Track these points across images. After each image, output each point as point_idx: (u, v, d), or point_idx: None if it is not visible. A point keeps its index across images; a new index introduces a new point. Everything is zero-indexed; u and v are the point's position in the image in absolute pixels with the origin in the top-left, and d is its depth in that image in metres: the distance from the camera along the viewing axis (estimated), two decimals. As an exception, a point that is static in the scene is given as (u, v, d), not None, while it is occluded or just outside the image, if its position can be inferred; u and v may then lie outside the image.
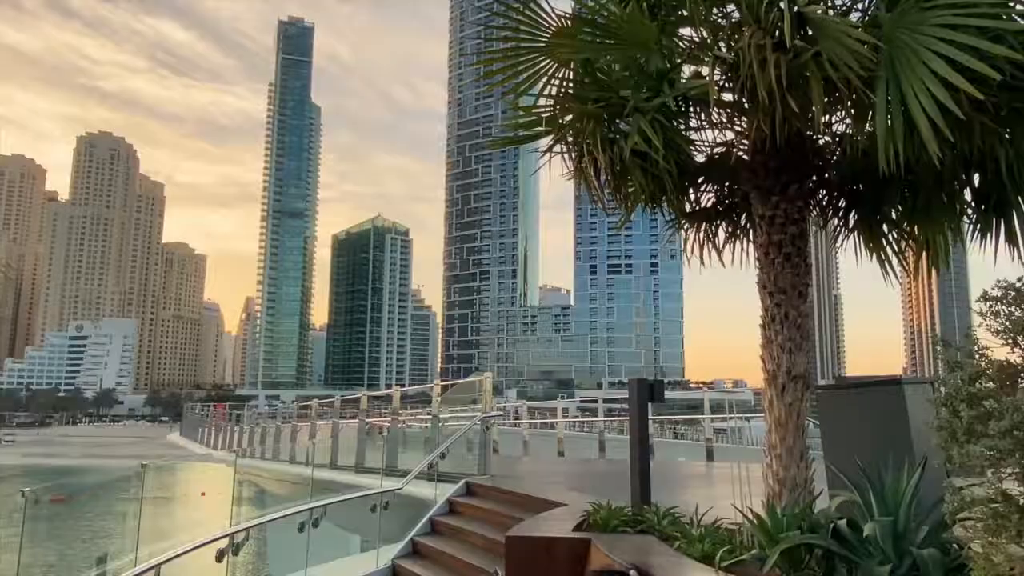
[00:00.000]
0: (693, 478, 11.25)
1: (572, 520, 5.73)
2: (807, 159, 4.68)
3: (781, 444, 4.42)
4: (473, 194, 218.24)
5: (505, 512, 7.83)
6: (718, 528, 4.64)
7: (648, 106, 4.27)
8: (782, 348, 4.50)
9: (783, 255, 4.59)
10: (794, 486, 4.38)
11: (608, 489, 9.62)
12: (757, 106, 3.99)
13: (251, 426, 25.67)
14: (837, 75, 3.48)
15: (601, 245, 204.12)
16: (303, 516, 7.08)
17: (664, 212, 5.93)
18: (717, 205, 5.79)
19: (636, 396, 5.98)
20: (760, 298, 4.71)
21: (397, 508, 8.94)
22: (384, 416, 17.08)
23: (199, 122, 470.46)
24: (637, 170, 4.65)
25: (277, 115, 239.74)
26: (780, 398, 4.46)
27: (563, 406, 20.76)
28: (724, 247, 5.92)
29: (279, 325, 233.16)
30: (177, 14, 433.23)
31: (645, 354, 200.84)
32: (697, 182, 5.67)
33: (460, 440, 10.50)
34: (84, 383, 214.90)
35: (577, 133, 4.63)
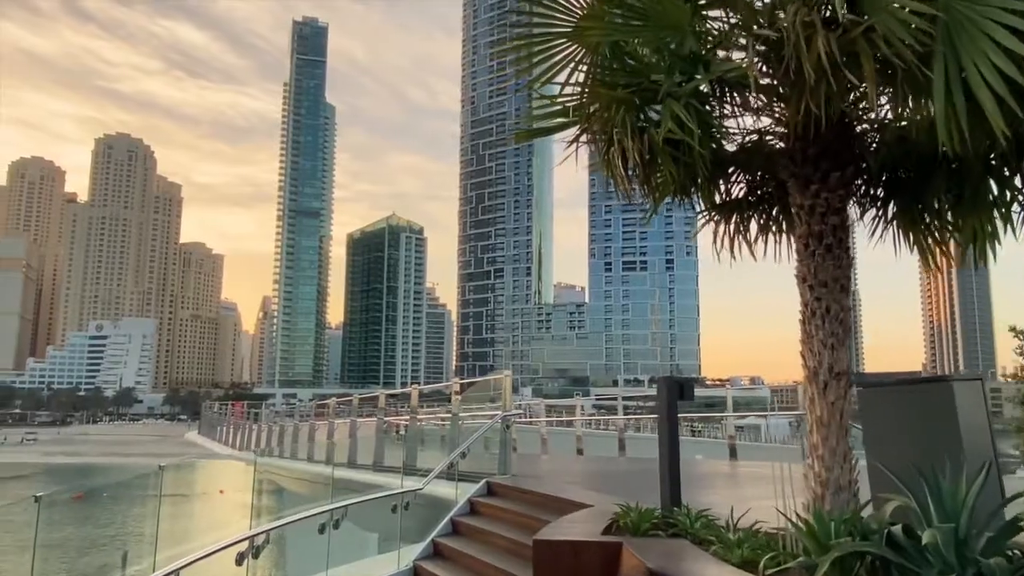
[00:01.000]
0: (717, 477, 11.01)
1: (600, 523, 5.55)
2: (848, 145, 4.45)
3: (823, 444, 4.21)
4: (487, 192, 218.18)
5: (528, 513, 7.66)
6: (756, 532, 4.44)
7: (682, 91, 4.06)
8: (824, 344, 4.29)
9: (824, 246, 4.37)
10: (838, 488, 4.17)
11: (632, 489, 9.43)
12: (799, 88, 3.78)
13: (269, 425, 25.70)
14: (891, 51, 3.26)
15: (616, 242, 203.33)
16: (323, 517, 6.95)
17: (693, 204, 5.73)
18: (748, 196, 5.57)
19: (665, 395, 5.78)
20: (799, 292, 4.49)
21: (417, 508, 8.80)
22: (401, 415, 16.99)
23: (214, 123, 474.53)
24: (668, 159, 4.45)
25: (292, 115, 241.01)
26: (822, 396, 4.25)
27: (581, 404, 20.54)
28: (756, 240, 5.70)
29: (296, 324, 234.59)
30: (191, 16, 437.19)
31: (661, 351, 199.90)
32: (727, 172, 5.45)
33: (480, 439, 10.35)
34: (104, 382, 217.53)
35: (605, 122, 4.43)
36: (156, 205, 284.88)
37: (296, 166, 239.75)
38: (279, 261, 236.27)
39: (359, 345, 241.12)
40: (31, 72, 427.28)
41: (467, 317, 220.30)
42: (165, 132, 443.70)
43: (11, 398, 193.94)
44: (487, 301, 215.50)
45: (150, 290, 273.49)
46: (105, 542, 34.03)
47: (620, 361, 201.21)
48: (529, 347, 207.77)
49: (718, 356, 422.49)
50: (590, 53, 4.43)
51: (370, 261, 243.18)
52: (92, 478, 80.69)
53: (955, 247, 5.21)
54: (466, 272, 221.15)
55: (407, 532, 8.64)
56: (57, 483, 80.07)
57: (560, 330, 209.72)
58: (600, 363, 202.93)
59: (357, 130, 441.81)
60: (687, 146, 4.52)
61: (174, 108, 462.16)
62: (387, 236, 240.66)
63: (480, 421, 10.96)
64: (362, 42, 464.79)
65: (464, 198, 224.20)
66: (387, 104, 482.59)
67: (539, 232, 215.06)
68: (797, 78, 3.65)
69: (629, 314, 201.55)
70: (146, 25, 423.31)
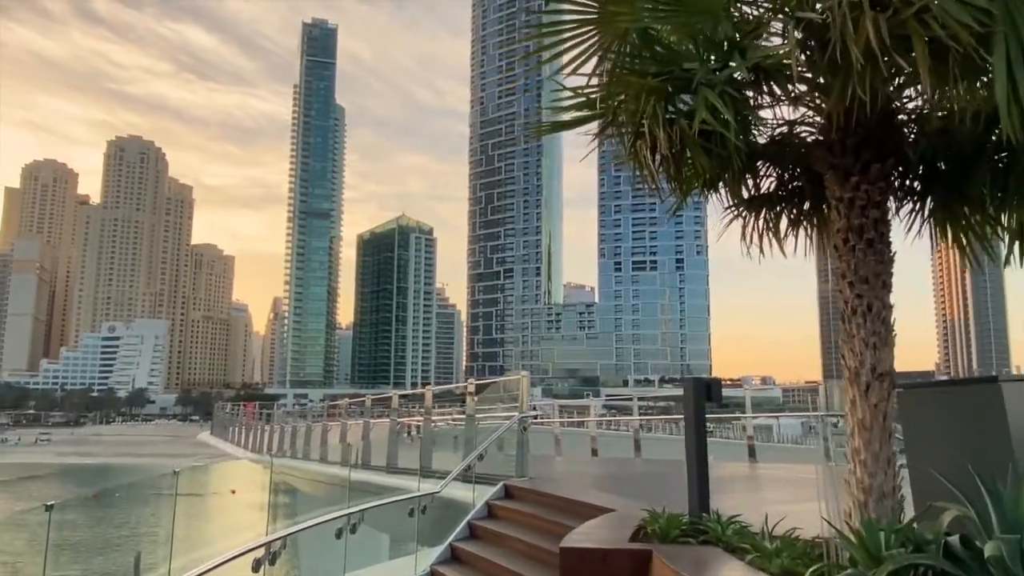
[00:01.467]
0: (737, 480, 10.79)
1: (626, 528, 5.37)
2: (890, 135, 4.25)
3: (866, 449, 4.02)
4: (496, 192, 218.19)
5: (547, 517, 7.49)
6: (794, 540, 4.25)
7: (716, 79, 3.88)
8: (865, 343, 4.09)
9: (865, 241, 4.17)
10: (881, 495, 3.97)
11: (652, 492, 9.24)
12: (843, 75, 3.59)
13: (281, 425, 25.65)
14: (945, 33, 3.07)
15: (625, 242, 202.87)
16: (341, 521, 6.81)
17: (721, 198, 5.53)
18: (779, 190, 5.37)
19: (692, 396, 5.60)
20: (839, 288, 4.30)
21: (433, 511, 8.66)
22: (414, 415, 16.85)
23: (224, 125, 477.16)
24: (699, 151, 4.27)
25: (302, 116, 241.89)
26: (864, 398, 4.05)
27: (595, 404, 20.34)
28: (786, 235, 5.51)
29: (306, 325, 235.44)
30: (200, 18, 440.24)
31: (671, 351, 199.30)
32: (756, 165, 5.25)
33: (496, 441, 10.18)
34: (117, 383, 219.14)
35: (633, 112, 4.25)
36: (168, 207, 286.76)
37: (306, 167, 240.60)
38: (289, 262, 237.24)
39: (369, 345, 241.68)
40: (43, 75, 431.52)
41: (477, 317, 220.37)
42: (175, 134, 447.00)
43: (25, 399, 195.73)
44: (497, 301, 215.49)
45: (162, 291, 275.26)
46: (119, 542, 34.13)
47: (630, 361, 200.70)
48: (539, 347, 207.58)
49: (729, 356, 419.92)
50: (618, 41, 4.25)
51: (380, 262, 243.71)
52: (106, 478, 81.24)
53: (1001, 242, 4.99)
54: (475, 272, 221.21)
55: (423, 535, 8.50)
56: (71, 483, 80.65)
57: (570, 330, 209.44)
58: (610, 363, 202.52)
59: (365, 131, 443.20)
60: (719, 137, 4.34)
61: (184, 110, 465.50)
62: (396, 237, 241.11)
63: (496, 422, 10.80)
64: (369, 43, 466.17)
65: (473, 198, 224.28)
66: (395, 105, 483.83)
67: (548, 232, 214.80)
68: (841, 64, 3.46)
69: (639, 314, 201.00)
70: (155, 28, 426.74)
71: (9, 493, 69.89)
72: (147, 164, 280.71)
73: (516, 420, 9.54)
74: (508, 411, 12.67)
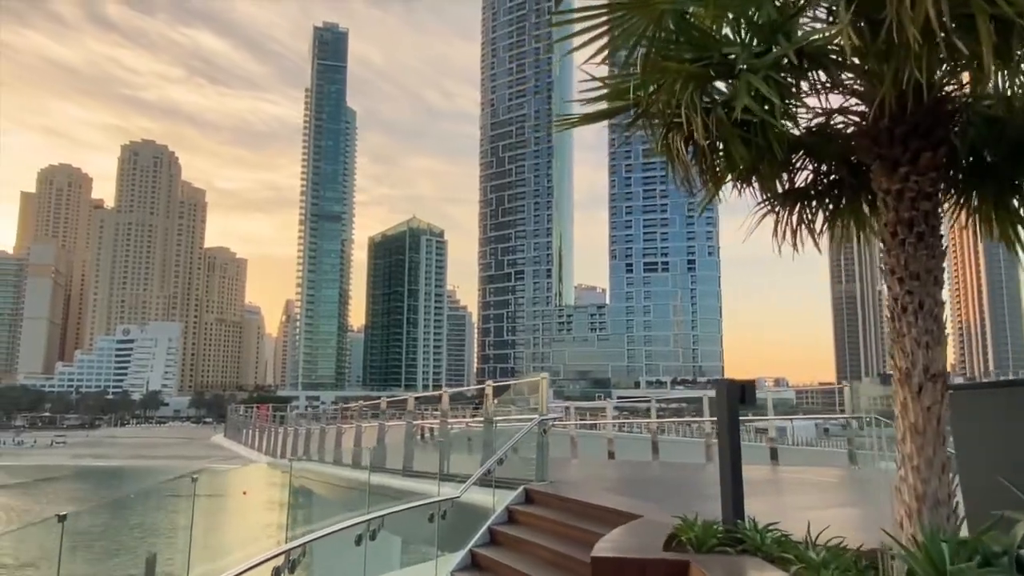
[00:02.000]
0: (762, 484, 10.54)
1: (658, 536, 5.16)
2: (941, 123, 4.03)
3: (919, 454, 3.79)
4: (507, 194, 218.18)
5: (571, 523, 7.29)
6: (842, 550, 4.03)
7: (759, 63, 3.68)
8: (917, 342, 3.87)
9: (915, 235, 3.95)
10: (936, 503, 3.75)
11: (678, 497, 9.02)
12: (897, 58, 3.38)
13: (295, 428, 25.57)
14: (1012, 10, 2.86)
15: (636, 243, 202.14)
16: (360, 528, 6.64)
17: (754, 193, 5.31)
18: (815, 183, 5.15)
19: (725, 399, 5.38)
20: (888, 285, 4.08)
21: (452, 516, 8.47)
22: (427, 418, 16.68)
23: (235, 129, 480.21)
24: (737, 140, 4.06)
25: (314, 120, 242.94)
26: (916, 400, 3.83)
27: (611, 406, 20.13)
28: (822, 231, 5.29)
29: (318, 327, 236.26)
30: (212, 23, 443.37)
31: (683, 353, 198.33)
32: (791, 158, 5.03)
33: (516, 444, 9.99)
34: (131, 385, 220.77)
35: (667, 101, 4.05)
36: (181, 211, 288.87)
37: (318, 170, 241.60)
38: (301, 265, 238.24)
39: (381, 348, 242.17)
40: (57, 81, 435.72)
41: (488, 319, 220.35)
42: (188, 139, 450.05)
43: (41, 401, 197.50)
44: (508, 303, 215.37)
45: (175, 294, 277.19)
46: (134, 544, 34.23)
47: (642, 363, 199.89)
48: (550, 349, 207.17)
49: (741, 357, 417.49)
50: (652, 26, 4.05)
51: (391, 264, 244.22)
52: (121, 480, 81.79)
53: None
54: (486, 274, 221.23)
55: (442, 541, 8.32)
56: (86, 485, 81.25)
57: (581, 332, 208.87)
58: (622, 365, 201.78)
59: (376, 134, 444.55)
60: (758, 126, 4.14)
61: (197, 115, 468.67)
62: (408, 239, 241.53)
63: (514, 425, 10.61)
64: (379, 47, 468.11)
65: (484, 200, 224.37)
66: (405, 108, 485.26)
67: (559, 234, 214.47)
68: (896, 45, 3.25)
69: (651, 315, 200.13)
70: (168, 33, 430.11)
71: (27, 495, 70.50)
72: (160, 168, 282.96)
73: (536, 423, 9.33)
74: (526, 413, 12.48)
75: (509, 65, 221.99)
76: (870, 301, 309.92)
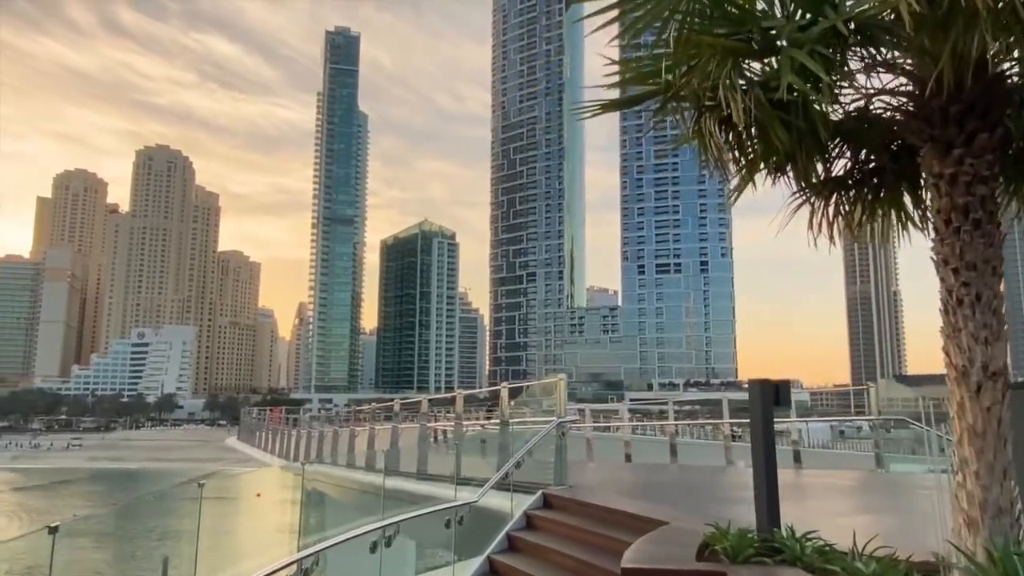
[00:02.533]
0: (789, 488, 10.17)
1: (688, 545, 4.89)
2: (999, 101, 3.75)
3: (978, 459, 3.51)
4: (518, 196, 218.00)
5: (593, 529, 7.03)
6: (894, 562, 3.75)
7: (804, 37, 3.41)
8: (975, 338, 3.59)
9: (971, 222, 3.67)
10: (998, 511, 3.46)
11: (702, 501, 8.71)
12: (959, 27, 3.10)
13: (308, 430, 25.44)
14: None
15: (649, 244, 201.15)
16: (376, 534, 6.41)
17: (788, 182, 5.03)
18: (854, 170, 4.87)
19: (759, 400, 5.10)
20: (940, 277, 3.80)
21: (469, 521, 8.22)
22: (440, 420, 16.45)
23: (248, 134, 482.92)
24: (776, 123, 3.80)
25: (326, 123, 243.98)
26: (975, 400, 3.55)
27: (627, 408, 19.82)
28: (860, 222, 5.00)
29: (331, 330, 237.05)
30: (224, 29, 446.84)
31: (696, 354, 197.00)
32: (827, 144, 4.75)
33: (533, 447, 9.72)
34: (146, 388, 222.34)
35: (701, 80, 3.80)
36: (195, 215, 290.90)
37: (330, 174, 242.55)
38: (314, 268, 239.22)
39: (393, 350, 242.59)
40: (72, 87, 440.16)
41: (500, 322, 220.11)
42: (201, 143, 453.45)
43: (57, 404, 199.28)
44: (520, 305, 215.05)
45: (190, 298, 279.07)
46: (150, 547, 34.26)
47: (655, 365, 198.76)
48: (562, 351, 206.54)
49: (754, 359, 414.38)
50: (685, 1, 3.80)
51: (403, 267, 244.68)
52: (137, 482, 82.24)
53: None
54: (498, 277, 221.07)
55: (459, 547, 8.08)
56: (102, 488, 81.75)
57: (593, 334, 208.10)
58: (634, 367, 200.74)
59: (387, 137, 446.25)
60: (798, 108, 3.88)
61: (209, 119, 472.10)
62: (420, 242, 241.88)
63: (531, 427, 10.34)
64: (390, 51, 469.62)
65: (495, 203, 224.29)
66: (416, 111, 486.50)
67: (571, 235, 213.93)
68: (957, 12, 2.98)
69: (663, 317, 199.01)
70: (180, 39, 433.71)
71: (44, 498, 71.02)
72: (174, 173, 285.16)
73: (554, 425, 9.07)
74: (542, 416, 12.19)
75: (520, 67, 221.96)
76: (885, 301, 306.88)
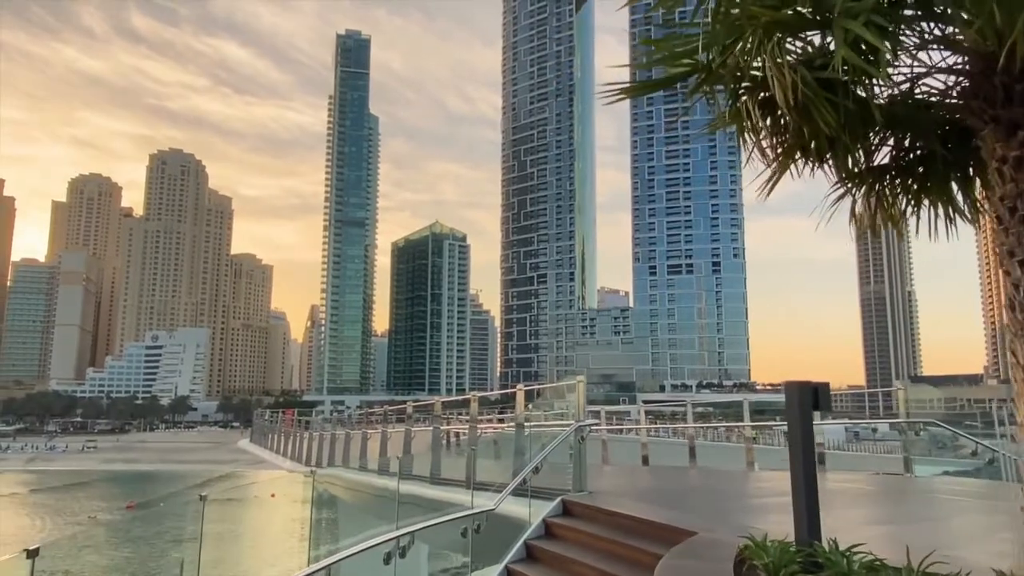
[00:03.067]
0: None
1: (723, 559, 4.59)
2: (1070, 77, 3.43)
3: (1052, 469, 3.20)
4: (529, 198, 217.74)
5: (617, 539, 6.71)
6: (957, 582, 3.43)
7: (859, 6, 3.11)
8: (1047, 336, 3.27)
9: (1040, 209, 3.36)
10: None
11: (730, 509, 8.36)
12: None
13: (320, 433, 25.26)
14: None
15: (660, 245, 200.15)
16: (389, 545, 6.14)
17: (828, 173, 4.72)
18: (900, 157, 4.54)
19: (798, 403, 4.79)
20: (1005, 270, 3.49)
21: (484, 528, 7.93)
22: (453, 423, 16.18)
23: (260, 137, 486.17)
24: (823, 103, 3.50)
25: (337, 126, 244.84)
26: (1048, 405, 3.23)
27: (643, 410, 19.46)
28: (905, 212, 4.68)
29: (343, 332, 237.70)
30: (235, 34, 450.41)
31: (708, 356, 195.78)
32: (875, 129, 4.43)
33: (548, 452, 9.42)
34: (160, 390, 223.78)
35: (742, 57, 3.51)
36: (208, 218, 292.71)
37: (341, 177, 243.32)
38: (326, 270, 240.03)
39: (404, 352, 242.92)
40: (86, 93, 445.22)
41: (511, 323, 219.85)
42: (213, 147, 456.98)
43: (72, 407, 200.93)
44: (531, 307, 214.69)
45: (203, 300, 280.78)
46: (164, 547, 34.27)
47: (667, 366, 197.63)
48: (573, 353, 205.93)
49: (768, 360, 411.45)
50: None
51: (414, 269, 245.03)
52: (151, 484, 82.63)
53: None
54: (509, 278, 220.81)
55: (474, 555, 7.80)
56: (116, 490, 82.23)
57: (605, 335, 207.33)
58: (646, 368, 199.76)
59: (398, 140, 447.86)
60: (845, 88, 3.58)
61: (222, 124, 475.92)
62: (431, 244, 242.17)
63: (547, 430, 10.04)
64: (401, 54, 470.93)
65: (506, 204, 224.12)
66: (427, 113, 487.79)
67: (582, 236, 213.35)
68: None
69: (675, 318, 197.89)
70: (193, 44, 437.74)
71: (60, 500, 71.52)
72: (188, 176, 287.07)
73: (573, 429, 8.77)
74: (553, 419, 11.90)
75: (530, 69, 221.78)
76: (900, 302, 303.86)
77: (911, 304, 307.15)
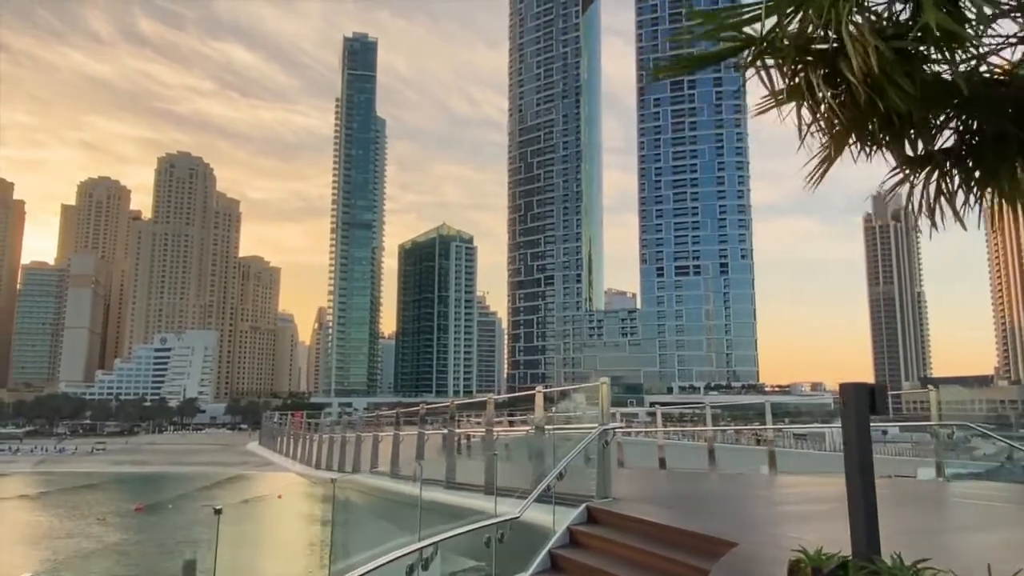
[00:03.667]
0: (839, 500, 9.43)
1: (771, 573, 4.24)
2: None
3: None
4: (536, 199, 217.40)
5: (648, 549, 6.37)
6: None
7: (948, -39, 2.78)
8: None
9: None
10: None
11: (764, 517, 8.00)
12: None
13: (329, 435, 24.99)
14: None
15: (667, 247, 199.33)
16: (412, 557, 5.83)
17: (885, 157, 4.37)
18: (965, 140, 4.19)
19: (854, 406, 4.45)
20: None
21: (508, 536, 7.60)
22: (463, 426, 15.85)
23: (266, 140, 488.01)
24: (901, 75, 3.16)
25: (344, 129, 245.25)
26: None
27: (660, 412, 19.11)
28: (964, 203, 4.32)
29: (350, 334, 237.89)
30: (242, 37, 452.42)
31: (716, 358, 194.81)
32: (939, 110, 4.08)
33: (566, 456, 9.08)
34: (169, 393, 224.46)
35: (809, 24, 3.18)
36: (216, 221, 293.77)
37: (348, 179, 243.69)
38: (333, 273, 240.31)
39: (411, 354, 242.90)
40: (94, 97, 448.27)
41: (518, 325, 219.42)
42: (220, 150, 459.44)
43: (82, 409, 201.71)
44: (538, 308, 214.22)
45: (211, 303, 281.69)
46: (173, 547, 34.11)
47: (674, 368, 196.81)
48: (581, 354, 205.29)
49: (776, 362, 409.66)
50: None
51: (421, 271, 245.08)
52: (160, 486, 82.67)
53: None
54: (516, 280, 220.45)
55: (497, 564, 7.46)
56: (125, 491, 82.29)
57: (612, 337, 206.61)
58: (654, 370, 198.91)
59: (404, 142, 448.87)
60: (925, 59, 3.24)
61: (229, 127, 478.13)
62: (437, 246, 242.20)
63: (568, 434, 9.70)
64: (406, 56, 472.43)
65: (513, 206, 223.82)
66: (433, 116, 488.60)
67: (589, 238, 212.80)
68: None
69: (683, 320, 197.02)
70: (199, 48, 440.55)
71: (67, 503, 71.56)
72: (196, 180, 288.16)
73: (597, 433, 8.43)
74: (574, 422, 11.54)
75: (536, 70, 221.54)
76: (909, 302, 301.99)
77: (920, 304, 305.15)
